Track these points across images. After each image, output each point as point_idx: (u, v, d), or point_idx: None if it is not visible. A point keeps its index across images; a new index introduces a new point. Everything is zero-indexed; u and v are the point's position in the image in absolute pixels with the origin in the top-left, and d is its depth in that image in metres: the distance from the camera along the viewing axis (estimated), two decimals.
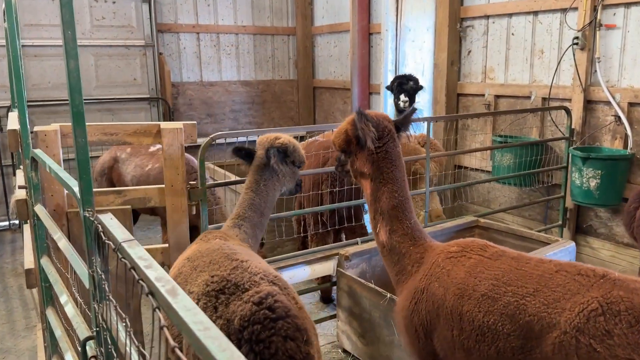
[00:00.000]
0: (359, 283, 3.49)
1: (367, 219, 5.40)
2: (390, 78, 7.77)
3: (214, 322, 1.86)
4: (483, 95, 6.07)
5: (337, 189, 4.09)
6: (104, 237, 1.52)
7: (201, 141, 8.55)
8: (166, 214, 3.19)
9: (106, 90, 7.52)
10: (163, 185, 3.17)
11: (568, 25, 5.13)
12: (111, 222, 1.53)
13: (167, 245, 3.23)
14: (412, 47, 7.79)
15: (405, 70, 7.74)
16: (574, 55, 5.04)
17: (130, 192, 3.11)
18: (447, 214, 5.45)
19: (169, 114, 7.79)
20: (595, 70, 4.99)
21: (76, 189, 1.70)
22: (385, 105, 7.77)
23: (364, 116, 2.51)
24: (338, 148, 2.72)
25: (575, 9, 5.06)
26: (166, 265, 3.25)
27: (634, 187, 4.74)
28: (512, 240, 4.16)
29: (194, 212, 3.22)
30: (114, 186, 4.57)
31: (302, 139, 6.61)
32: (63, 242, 2.22)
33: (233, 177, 4.96)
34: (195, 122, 3.16)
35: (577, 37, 4.95)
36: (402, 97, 5.61)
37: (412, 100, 5.66)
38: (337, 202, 4.05)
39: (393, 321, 3.25)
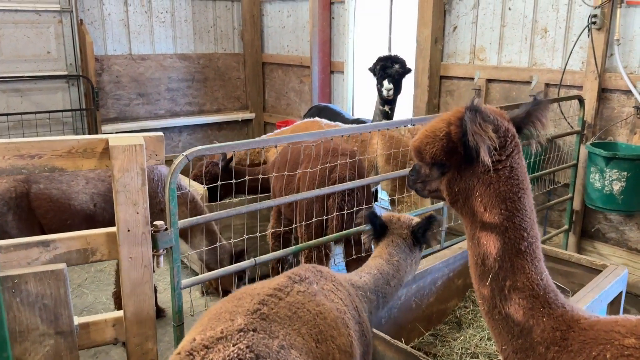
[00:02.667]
0: (383, 340, 2.64)
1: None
2: (356, 55, 6.88)
3: None
4: (472, 78, 5.31)
5: (347, 210, 3.15)
6: None
7: (128, 127, 7.32)
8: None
9: (12, 67, 6.07)
10: (113, 229, 2.12)
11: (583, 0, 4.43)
12: None
13: (121, 314, 2.20)
14: (368, 15, 6.95)
15: (360, 41, 6.88)
16: (589, 35, 4.35)
17: (63, 242, 2.04)
18: None
19: (92, 95, 6.47)
20: (612, 54, 4.34)
21: None
22: (350, 87, 6.90)
23: (479, 114, 1.63)
24: (430, 159, 1.81)
25: None
26: (120, 342, 2.24)
27: None
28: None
29: (160, 266, 2.20)
30: (30, 223, 3.20)
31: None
32: None
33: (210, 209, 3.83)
34: (161, 134, 2.12)
35: (595, 16, 4.27)
36: (386, 83, 4.73)
37: (397, 87, 4.80)
38: (345, 228, 3.11)
39: None
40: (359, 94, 6.98)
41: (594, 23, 4.29)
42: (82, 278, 4.77)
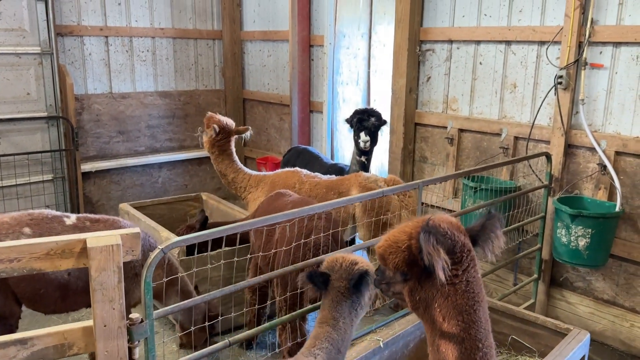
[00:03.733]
0: None
1: None
2: (333, 93, 7.03)
3: None
4: (445, 127, 5.48)
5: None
6: None
7: (107, 165, 7.32)
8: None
9: None
10: (90, 323, 2.19)
11: (549, 60, 4.63)
12: None
13: None
14: (346, 54, 7.13)
15: (339, 78, 7.05)
16: (556, 94, 4.54)
17: (40, 339, 2.10)
18: None
19: (72, 135, 6.51)
20: (577, 112, 4.54)
21: None
22: (329, 127, 7.03)
23: (433, 236, 1.75)
24: (392, 267, 1.93)
25: (557, 42, 4.56)
26: None
27: (619, 242, 4.38)
28: (510, 321, 3.58)
29: (135, 357, 2.27)
30: (3, 292, 3.20)
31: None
32: None
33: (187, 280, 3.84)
34: (137, 230, 2.20)
35: (561, 76, 4.46)
36: (363, 135, 4.88)
37: (374, 139, 4.95)
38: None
39: None
40: (339, 132, 7.11)
41: (560, 83, 4.48)
42: None
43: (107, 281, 2.12)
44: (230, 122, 5.12)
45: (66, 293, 3.33)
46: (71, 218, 3.45)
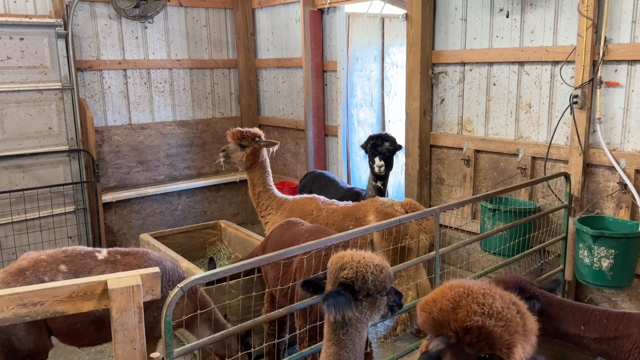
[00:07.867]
0: None
1: None
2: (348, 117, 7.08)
3: None
4: (460, 148, 5.46)
5: None
6: None
7: (128, 195, 7.38)
8: None
9: (15, 144, 6.24)
10: None
11: (562, 79, 4.61)
12: None
13: None
14: (360, 76, 7.20)
15: (353, 101, 7.10)
16: (572, 113, 4.51)
17: None
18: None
19: (93, 167, 6.63)
20: (594, 131, 4.50)
21: None
22: (344, 150, 7.06)
23: None
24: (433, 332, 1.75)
25: (571, 62, 4.54)
26: None
27: None
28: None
29: None
30: (37, 326, 3.26)
31: None
32: None
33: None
34: (157, 270, 2.23)
35: (576, 96, 4.43)
36: (377, 160, 4.90)
37: (388, 164, 4.96)
38: None
39: None
40: (355, 153, 7.15)
41: (576, 102, 4.45)
42: None
43: (128, 322, 2.15)
44: (252, 131, 5.20)
45: (101, 325, 3.38)
46: (102, 252, 3.54)
